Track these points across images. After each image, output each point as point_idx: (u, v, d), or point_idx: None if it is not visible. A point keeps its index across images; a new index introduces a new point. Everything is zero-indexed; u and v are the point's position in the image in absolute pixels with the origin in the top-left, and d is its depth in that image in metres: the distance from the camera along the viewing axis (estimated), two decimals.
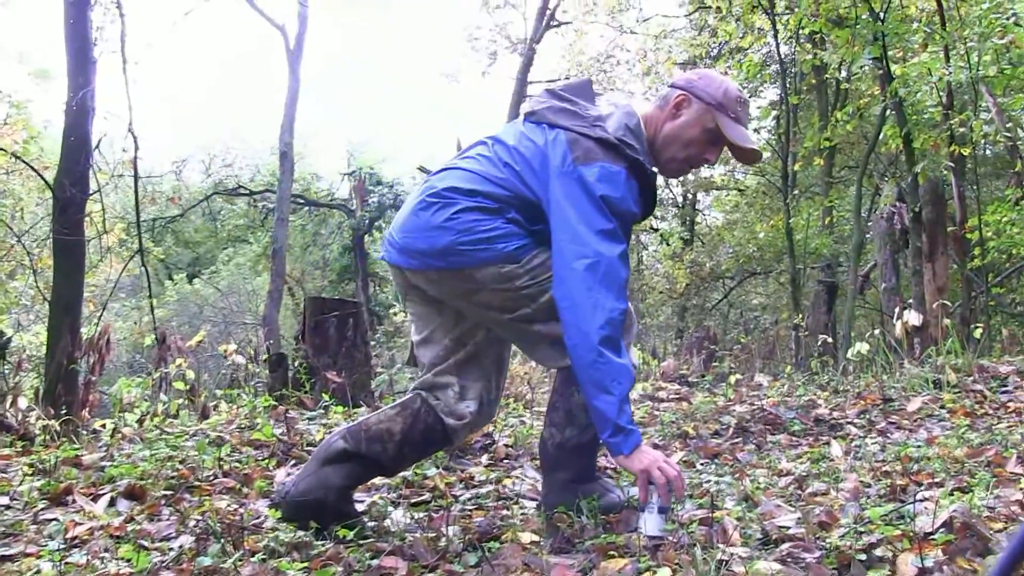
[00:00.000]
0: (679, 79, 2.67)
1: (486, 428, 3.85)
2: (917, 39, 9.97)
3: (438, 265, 2.45)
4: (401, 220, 2.56)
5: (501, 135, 2.58)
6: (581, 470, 2.64)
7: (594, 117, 2.50)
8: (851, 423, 4.21)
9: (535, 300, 2.47)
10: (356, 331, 5.90)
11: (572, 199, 2.39)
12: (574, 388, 2.52)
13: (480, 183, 2.46)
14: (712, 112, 2.54)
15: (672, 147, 2.58)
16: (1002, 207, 11.97)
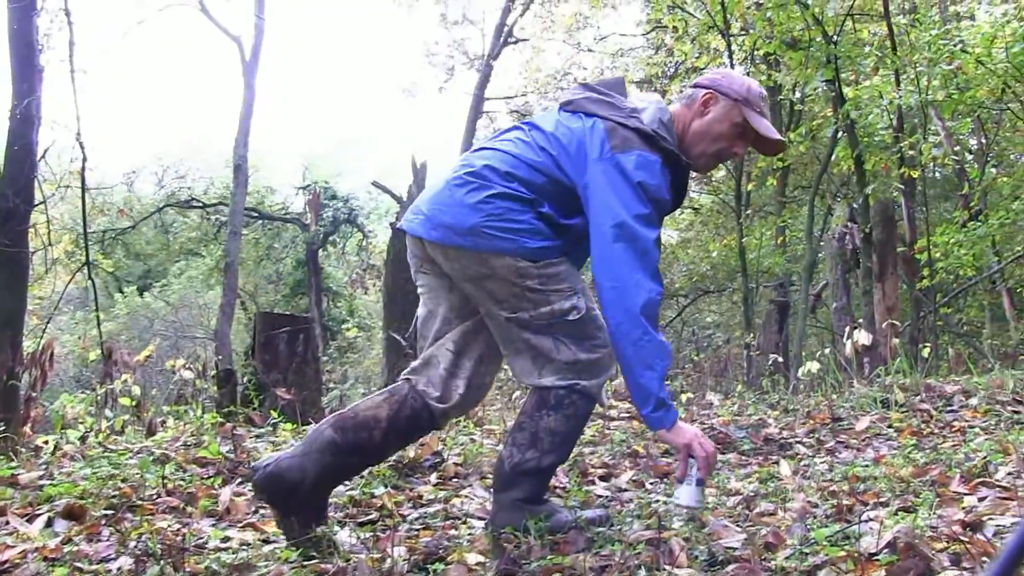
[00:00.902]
0: (703, 79, 2.78)
1: (435, 446, 3.81)
2: (869, 63, 10.13)
3: (460, 243, 2.48)
4: (432, 192, 2.61)
5: (538, 122, 2.65)
6: (533, 492, 2.63)
7: (630, 109, 2.60)
8: (800, 442, 4.23)
9: (536, 307, 2.50)
10: (307, 347, 5.84)
11: (612, 185, 2.47)
12: (544, 412, 2.55)
13: (517, 167, 2.52)
14: (739, 107, 2.66)
15: (702, 143, 2.68)
16: (950, 229, 12.17)
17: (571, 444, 2.70)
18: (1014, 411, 4.91)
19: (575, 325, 2.54)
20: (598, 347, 2.57)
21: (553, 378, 2.54)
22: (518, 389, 6.52)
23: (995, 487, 2.99)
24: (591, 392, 2.59)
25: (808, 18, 8.97)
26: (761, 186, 11.76)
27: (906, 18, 11.50)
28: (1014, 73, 10.76)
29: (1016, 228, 15.27)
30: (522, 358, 2.59)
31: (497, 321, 2.58)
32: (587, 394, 2.59)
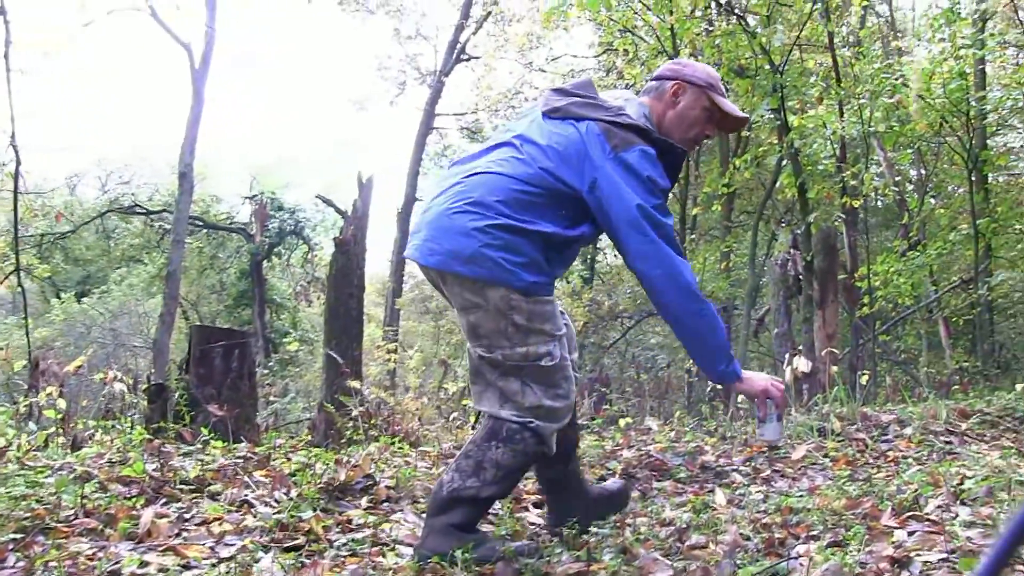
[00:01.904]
0: (665, 71, 2.93)
1: (367, 468, 3.74)
2: (814, 93, 10.28)
3: (459, 270, 2.55)
4: (430, 219, 2.66)
5: (527, 134, 2.69)
6: (467, 520, 2.65)
7: (616, 108, 2.71)
8: (737, 470, 4.22)
9: (513, 347, 2.57)
10: (242, 363, 5.72)
11: (624, 182, 2.57)
12: (494, 443, 2.59)
13: (514, 192, 2.58)
14: (706, 92, 2.84)
15: (678, 130, 2.83)
16: (890, 257, 12.37)
17: (514, 481, 2.74)
18: (946, 441, 4.97)
19: (545, 372, 2.60)
20: (561, 397, 2.64)
21: (511, 413, 2.59)
22: (456, 411, 6.47)
23: (925, 520, 3.00)
24: (544, 434, 2.63)
25: (755, 47, 9.07)
26: (707, 210, 11.84)
27: (850, 51, 11.69)
28: (951, 108, 11.00)
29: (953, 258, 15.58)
30: (487, 393, 2.65)
31: (471, 355, 2.67)
32: (540, 435, 2.62)
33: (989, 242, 12.46)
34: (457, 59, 22.03)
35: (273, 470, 3.79)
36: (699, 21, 9.81)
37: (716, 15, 10.75)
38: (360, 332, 8.51)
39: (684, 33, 8.92)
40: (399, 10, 22.25)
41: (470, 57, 22.11)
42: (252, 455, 4.18)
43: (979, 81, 12.91)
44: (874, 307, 11.61)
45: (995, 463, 4.03)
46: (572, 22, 12.17)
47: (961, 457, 4.48)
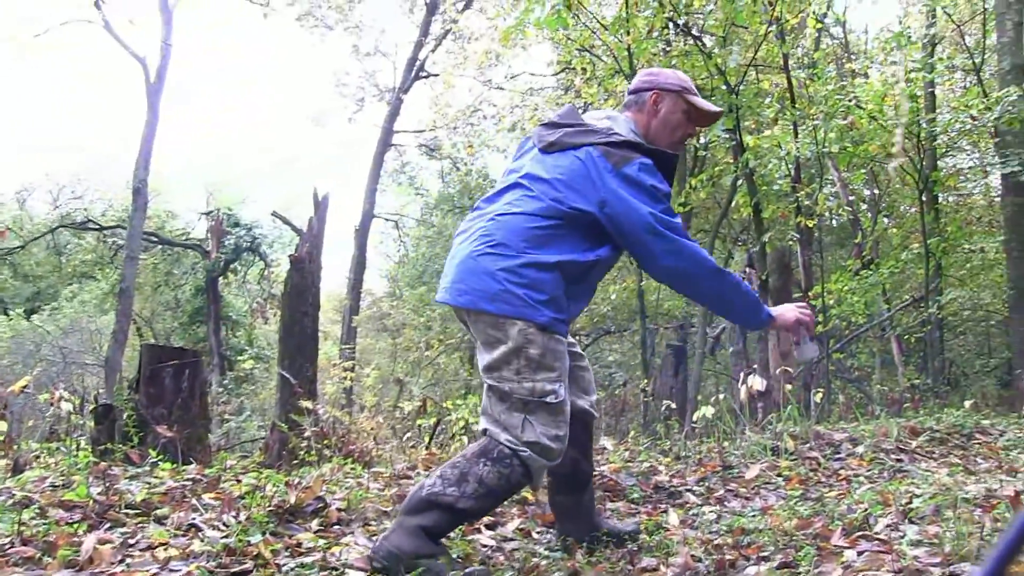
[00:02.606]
0: (641, 83, 3.13)
1: (318, 490, 3.69)
2: (769, 113, 10.38)
3: (485, 307, 2.73)
4: (457, 263, 2.85)
5: (532, 172, 2.89)
6: (437, 528, 2.72)
7: (606, 129, 2.91)
8: (690, 490, 4.23)
9: (521, 382, 2.72)
10: (193, 382, 5.63)
11: (631, 195, 2.76)
12: (484, 460, 2.70)
13: (533, 229, 2.77)
14: (683, 96, 3.07)
15: (664, 136, 3.05)
16: (844, 276, 12.51)
17: (491, 502, 2.80)
18: (897, 459, 5.03)
19: (548, 409, 2.73)
20: (559, 439, 2.75)
21: (507, 438, 2.71)
22: (410, 430, 6.43)
23: (874, 540, 3.02)
24: (532, 468, 2.73)
25: (711, 68, 9.16)
26: None
27: (805, 72, 11.83)
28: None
29: (905, 277, 15.81)
30: (490, 420, 2.79)
31: (484, 382, 2.82)
32: (528, 467, 2.72)
33: (940, 261, 12.65)
34: (416, 76, 22.03)
35: (223, 492, 3.72)
36: (656, 41, 9.88)
37: (674, 35, 10.84)
38: (315, 350, 8.43)
39: (641, 53, 8.98)
40: (358, 26, 22.21)
41: (429, 74, 22.12)
42: (202, 477, 4.11)
43: (929, 104, 13.15)
44: (828, 325, 11.72)
45: (943, 481, 4.08)
46: (530, 40, 12.22)
47: (911, 475, 4.53)
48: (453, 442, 6.13)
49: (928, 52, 12.96)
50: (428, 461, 4.82)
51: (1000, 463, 4.84)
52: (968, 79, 14.16)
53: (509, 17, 9.65)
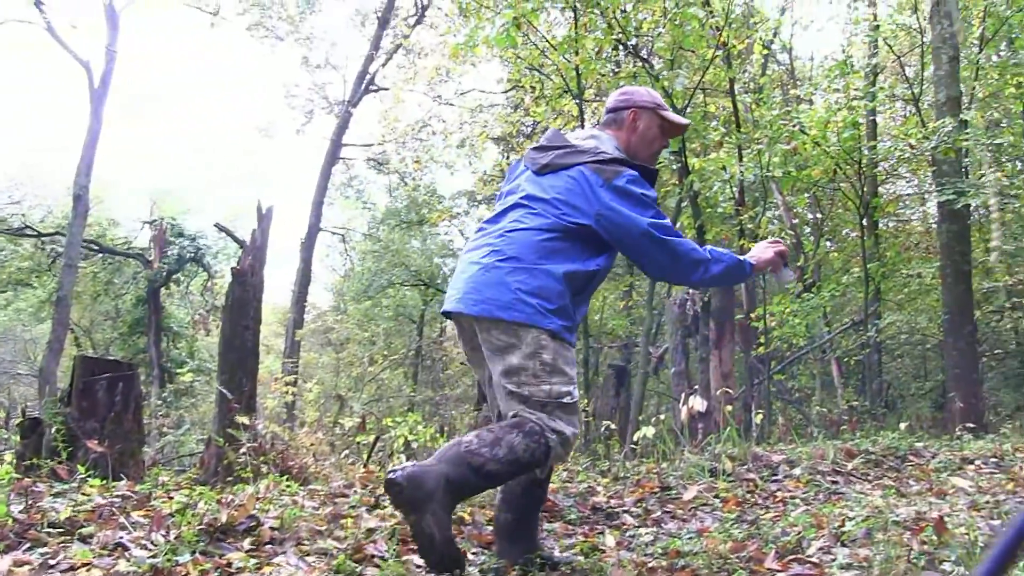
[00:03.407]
0: (617, 102, 3.35)
1: (251, 508, 3.63)
2: (714, 137, 10.51)
3: (499, 315, 2.89)
4: (468, 276, 3.01)
5: (532, 192, 3.10)
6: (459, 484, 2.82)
7: (592, 148, 3.13)
8: (628, 512, 4.23)
9: (539, 384, 2.90)
10: (128, 396, 5.51)
11: (627, 208, 2.98)
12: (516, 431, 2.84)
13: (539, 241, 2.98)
14: (657, 111, 3.30)
15: (644, 150, 3.27)
16: (785, 299, 12.68)
17: (512, 472, 2.89)
18: (832, 481, 5.09)
19: (565, 408, 2.94)
20: (575, 436, 2.98)
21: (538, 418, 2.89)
22: (347, 448, 6.36)
23: (806, 563, 3.04)
24: (552, 452, 2.91)
25: (658, 90, 9.25)
26: None
27: (751, 97, 12.01)
28: (844, 156, 11.38)
29: (845, 300, 16.07)
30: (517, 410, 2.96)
31: (502, 390, 2.96)
32: (549, 450, 2.89)
33: (879, 285, 12.88)
34: (366, 90, 21.95)
35: (153, 510, 3.64)
36: (605, 62, 9.95)
37: (623, 57, 10.93)
38: (255, 365, 8.30)
39: (589, 74, 9.04)
40: (309, 38, 22.11)
41: (379, 88, 22.06)
42: (132, 494, 4.01)
43: (871, 131, 13.41)
44: (769, 347, 11.87)
45: (876, 503, 4.13)
46: (481, 58, 12.25)
47: (846, 497, 4.58)
48: (392, 460, 6.07)
49: (870, 81, 13.23)
50: (365, 479, 4.77)
51: (931, 485, 4.92)
52: (908, 108, 14.47)
53: (459, 34, 9.65)
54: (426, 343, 22.36)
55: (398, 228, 22.49)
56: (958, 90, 10.33)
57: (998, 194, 10.12)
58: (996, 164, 12.85)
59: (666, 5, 9.49)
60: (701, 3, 9.70)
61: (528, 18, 8.17)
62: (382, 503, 4.16)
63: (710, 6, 9.92)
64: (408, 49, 20.84)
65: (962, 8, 11.46)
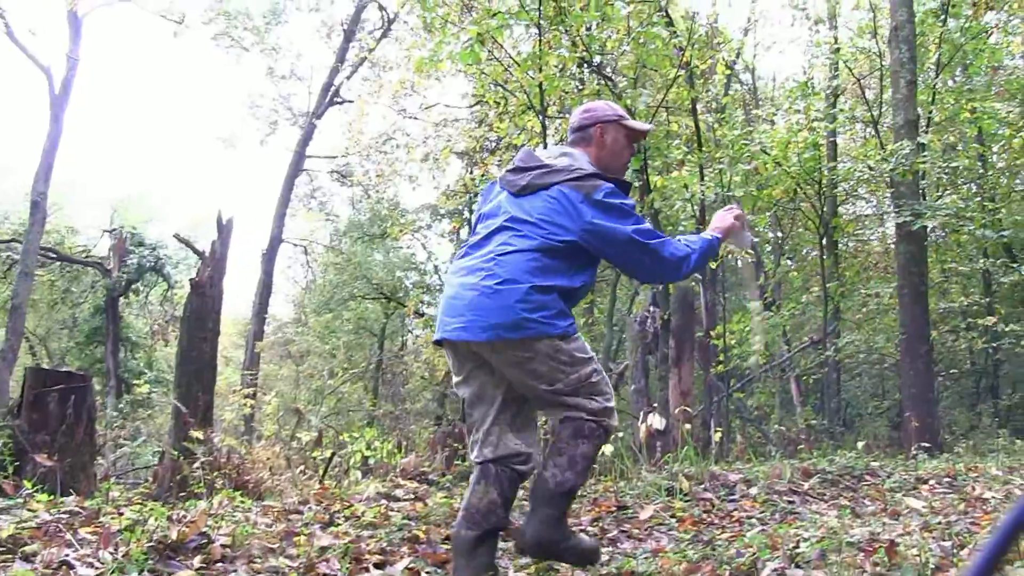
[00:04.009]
0: (583, 120, 3.46)
1: (202, 525, 3.57)
2: (676, 155, 10.57)
3: (508, 336, 3.01)
4: (468, 302, 3.10)
5: (515, 215, 3.19)
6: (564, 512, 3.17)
7: (566, 166, 3.23)
8: (584, 530, 4.21)
9: (568, 375, 3.09)
10: (79, 408, 5.42)
11: (610, 220, 3.10)
12: (580, 440, 3.11)
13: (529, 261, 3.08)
14: (620, 123, 3.43)
15: (615, 162, 3.41)
16: (745, 317, 12.76)
17: (590, 470, 3.33)
18: (789, 501, 5.11)
19: (596, 384, 3.16)
20: (610, 399, 3.22)
21: (585, 415, 3.12)
22: (304, 463, 6.30)
23: None
24: (611, 430, 3.24)
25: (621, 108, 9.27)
26: None
27: (713, 116, 12.11)
28: (805, 176, 11.50)
29: (805, 319, 16.22)
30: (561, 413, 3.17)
31: (537, 393, 3.14)
32: (608, 431, 3.20)
33: (838, 305, 13.01)
34: (331, 102, 21.88)
35: (101, 526, 3.57)
36: (569, 79, 9.99)
37: (587, 75, 10.97)
38: (213, 377, 8.24)
39: (552, 91, 9.07)
40: (274, 49, 21.99)
41: (344, 100, 21.99)
42: (80, 509, 3.94)
43: (831, 152, 13.57)
44: (729, 365, 11.93)
45: (830, 524, 4.14)
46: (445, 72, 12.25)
47: (801, 517, 4.60)
48: (348, 476, 6.02)
49: (831, 103, 13.40)
50: (320, 495, 4.72)
51: (885, 506, 4.95)
52: (867, 130, 14.66)
53: (424, 48, 9.65)
54: (387, 357, 22.26)
55: (360, 241, 22.40)
56: (916, 113, 10.48)
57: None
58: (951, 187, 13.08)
59: (630, 24, 9.55)
60: (665, 23, 9.78)
61: (493, 34, 8.18)
62: (336, 520, 4.12)
63: (674, 26, 10.00)
64: (373, 62, 20.80)
65: (919, 34, 11.64)
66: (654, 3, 9.61)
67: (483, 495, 3.11)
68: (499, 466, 3.14)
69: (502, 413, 3.20)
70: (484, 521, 3.10)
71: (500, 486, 3.12)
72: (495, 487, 3.12)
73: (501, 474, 3.14)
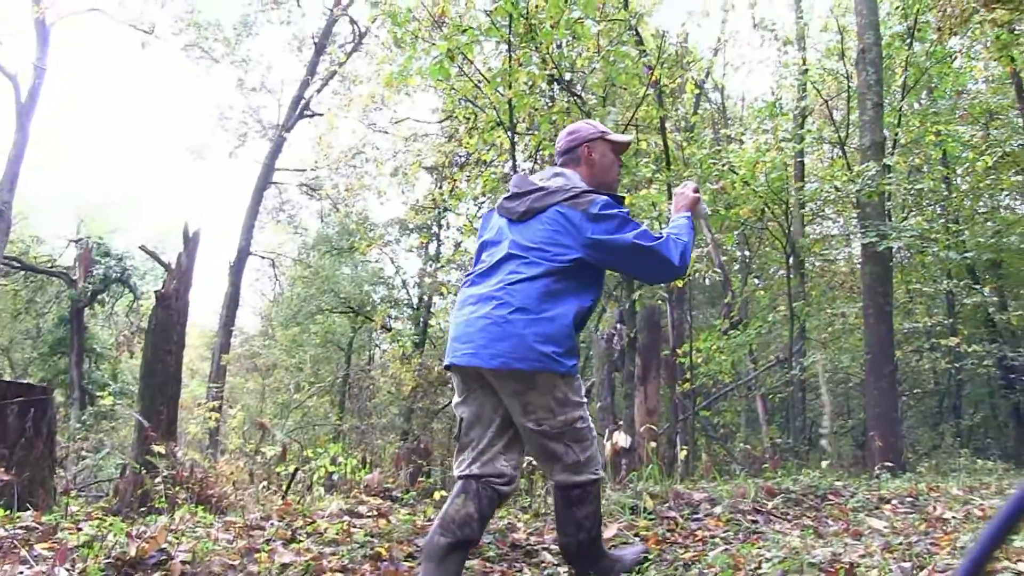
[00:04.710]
0: (568, 143, 3.61)
1: (162, 541, 3.53)
2: (645, 173, 10.61)
3: (517, 366, 3.13)
4: (480, 329, 3.21)
5: (519, 242, 3.32)
6: (600, 547, 3.46)
7: (561, 185, 3.38)
8: (547, 549, 4.19)
9: (555, 416, 3.22)
10: (39, 421, 5.34)
11: (609, 232, 3.23)
12: (574, 508, 3.34)
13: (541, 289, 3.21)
14: (603, 139, 3.60)
15: (606, 177, 3.57)
16: (712, 335, 12.81)
17: (600, 517, 3.47)
18: (753, 520, 5.11)
19: (579, 432, 3.29)
20: (589, 447, 3.34)
21: (564, 476, 3.31)
22: (267, 478, 6.25)
23: None
24: (598, 475, 3.39)
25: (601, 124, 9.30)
26: None
27: (682, 135, 12.19)
28: (772, 196, 11.59)
29: (771, 337, 16.32)
30: (540, 457, 3.37)
31: (524, 429, 3.27)
32: (595, 482, 3.38)
33: (804, 324, 13.11)
34: (300, 115, 21.80)
35: (58, 543, 3.52)
36: (539, 96, 10.02)
37: (557, 91, 11.01)
38: (177, 390, 8.16)
39: (522, 108, 9.09)
40: (245, 61, 21.90)
41: (314, 113, 21.92)
42: (37, 525, 3.88)
43: (799, 172, 13.69)
44: (695, 383, 11.97)
45: (793, 544, 4.16)
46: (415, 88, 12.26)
47: (765, 537, 4.61)
48: (311, 492, 5.97)
49: (799, 123, 13.53)
50: (283, 512, 4.68)
51: (848, 526, 4.98)
52: (834, 151, 14.82)
53: (394, 63, 9.65)
54: (354, 371, 22.13)
55: (329, 254, 22.30)
56: (882, 135, 10.60)
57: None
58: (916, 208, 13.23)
59: (600, 42, 9.60)
60: (634, 42, 9.84)
61: (463, 50, 8.20)
62: (298, 537, 4.08)
63: (643, 45, 10.06)
64: (344, 76, 20.77)
65: (886, 57, 11.79)
66: (624, 22, 9.67)
67: (460, 507, 3.20)
68: (481, 483, 3.24)
69: (498, 436, 3.32)
70: (458, 531, 3.16)
71: (479, 502, 3.21)
72: (473, 502, 3.20)
73: (481, 491, 3.23)
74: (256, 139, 22.85)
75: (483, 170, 12.04)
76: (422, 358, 17.55)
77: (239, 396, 22.31)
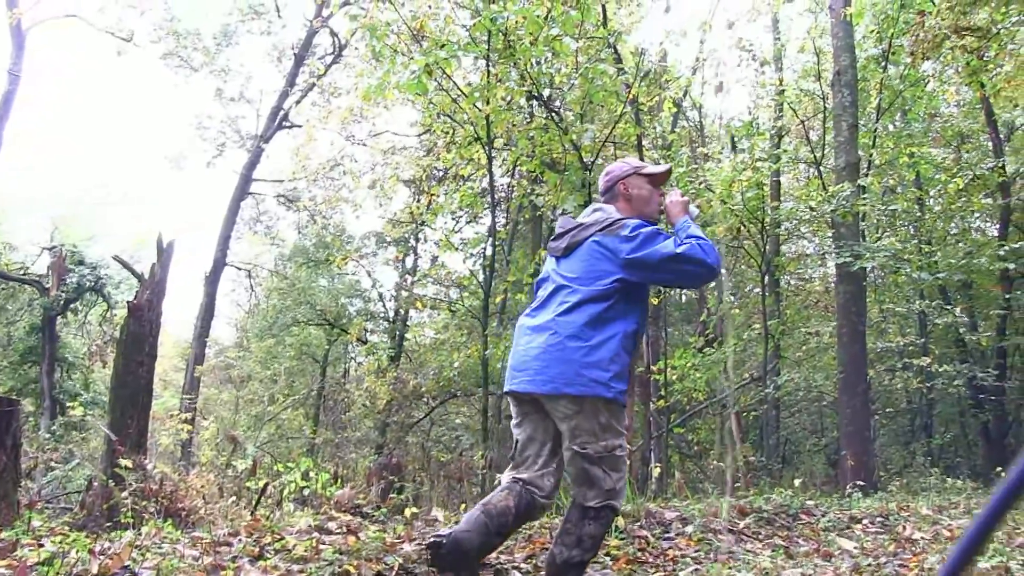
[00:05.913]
0: (606, 183, 3.84)
1: (126, 558, 3.48)
2: None
3: (566, 391, 3.36)
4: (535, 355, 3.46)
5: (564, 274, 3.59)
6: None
7: (597, 219, 3.62)
8: (517, 567, 4.17)
9: (598, 441, 3.39)
10: (3, 433, 5.27)
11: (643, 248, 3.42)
12: (587, 521, 3.42)
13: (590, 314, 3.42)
14: (637, 174, 3.80)
15: (647, 208, 3.75)
16: (687, 353, 12.85)
17: (599, 546, 3.54)
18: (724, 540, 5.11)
19: (616, 460, 3.45)
20: (621, 479, 3.48)
21: (595, 501, 3.42)
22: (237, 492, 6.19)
23: None
24: (617, 508, 3.53)
25: (567, 143, 9.34)
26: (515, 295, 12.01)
27: (659, 152, 12.23)
28: (748, 215, 11.65)
29: (746, 355, 16.38)
30: (579, 480, 3.47)
31: (569, 452, 3.45)
32: (615, 510, 3.51)
33: (778, 342, 13.16)
34: (279, 126, 21.72)
35: (17, 560, 3.46)
36: (516, 113, 10.03)
37: (536, 107, 11.04)
38: (148, 402, 8.07)
39: (499, 123, 9.10)
40: (224, 70, 21.80)
41: (292, 125, 21.84)
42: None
43: (775, 192, 13.78)
44: (670, 400, 12.00)
45: (764, 564, 4.16)
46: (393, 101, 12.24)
47: (735, 557, 4.61)
48: (281, 507, 5.92)
49: (775, 143, 13.63)
50: (251, 528, 4.63)
51: (819, 546, 4.99)
52: (810, 171, 14.93)
53: (373, 76, 9.63)
54: (329, 384, 22.03)
55: (305, 266, 22.21)
56: (857, 156, 10.69)
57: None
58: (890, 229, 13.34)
59: (579, 60, 9.63)
60: (613, 59, 9.87)
61: (441, 65, 8.20)
62: (266, 554, 4.04)
63: (622, 62, 10.10)
64: (323, 88, 20.72)
65: (861, 79, 11.90)
66: (603, 39, 9.71)
67: (503, 500, 3.46)
68: (525, 487, 3.50)
69: (549, 458, 3.56)
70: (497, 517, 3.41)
71: (519, 500, 3.46)
72: (514, 498, 3.46)
73: (523, 493, 3.48)
74: (234, 149, 22.72)
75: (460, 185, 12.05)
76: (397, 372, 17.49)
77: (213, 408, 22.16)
